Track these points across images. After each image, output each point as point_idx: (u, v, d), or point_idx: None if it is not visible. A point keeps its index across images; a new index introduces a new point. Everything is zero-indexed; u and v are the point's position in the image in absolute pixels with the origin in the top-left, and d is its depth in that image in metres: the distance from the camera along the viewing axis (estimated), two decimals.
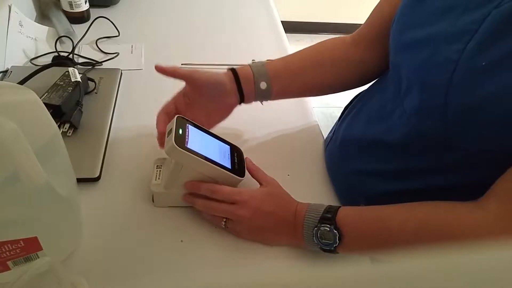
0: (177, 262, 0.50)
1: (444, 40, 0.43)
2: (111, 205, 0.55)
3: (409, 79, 0.48)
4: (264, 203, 0.51)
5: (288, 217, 0.51)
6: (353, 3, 2.62)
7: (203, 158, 0.49)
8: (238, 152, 0.56)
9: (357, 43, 0.62)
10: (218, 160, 0.51)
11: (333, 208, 0.49)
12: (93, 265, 0.48)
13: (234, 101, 0.59)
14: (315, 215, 0.49)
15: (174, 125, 0.49)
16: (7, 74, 0.71)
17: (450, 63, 0.41)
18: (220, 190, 0.50)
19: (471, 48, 0.40)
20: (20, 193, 0.37)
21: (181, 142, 0.47)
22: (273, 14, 1.08)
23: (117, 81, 0.75)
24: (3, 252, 0.40)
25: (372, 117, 0.57)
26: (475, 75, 0.39)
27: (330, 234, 0.47)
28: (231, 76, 0.58)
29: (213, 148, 0.52)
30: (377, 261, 0.51)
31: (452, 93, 0.41)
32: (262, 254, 0.52)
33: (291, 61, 0.63)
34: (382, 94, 0.57)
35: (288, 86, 0.62)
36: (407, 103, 0.48)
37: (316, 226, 0.48)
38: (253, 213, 0.49)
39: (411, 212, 0.45)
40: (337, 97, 0.75)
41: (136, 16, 0.99)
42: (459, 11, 0.42)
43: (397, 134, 0.50)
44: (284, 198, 0.53)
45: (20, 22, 0.79)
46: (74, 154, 0.47)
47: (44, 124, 0.41)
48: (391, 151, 0.51)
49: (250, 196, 0.50)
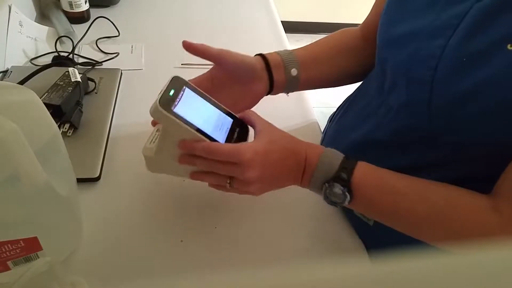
0: (177, 262, 0.50)
1: (427, 35, 0.43)
2: (111, 205, 0.55)
3: (394, 75, 0.48)
4: (269, 154, 0.45)
5: (299, 162, 0.47)
6: (353, 3, 2.62)
7: (188, 124, 0.43)
8: (242, 129, 0.50)
9: (364, 34, 0.62)
10: (209, 131, 0.45)
11: (349, 166, 0.45)
12: (93, 265, 0.48)
13: (262, 88, 0.55)
14: (328, 169, 0.45)
15: (166, 85, 0.44)
16: (7, 74, 0.71)
17: (433, 59, 0.41)
18: (218, 149, 0.44)
19: (452, 43, 0.40)
20: (20, 193, 0.37)
21: (167, 104, 0.43)
22: (273, 14, 1.08)
23: (117, 81, 0.75)
24: (3, 252, 0.40)
25: (359, 115, 0.56)
26: (457, 70, 0.39)
27: (341, 196, 0.45)
28: (261, 61, 0.55)
29: (209, 117, 0.47)
30: (377, 261, 0.51)
31: (436, 89, 0.41)
32: (262, 254, 0.52)
33: (315, 49, 0.62)
34: (365, 90, 0.57)
35: (314, 74, 0.60)
36: (393, 99, 0.48)
37: (327, 182, 0.45)
38: (261, 171, 0.45)
39: (426, 193, 0.43)
40: (337, 97, 0.75)
41: (136, 16, 0.99)
42: (441, 4, 0.42)
43: (386, 131, 0.49)
44: (288, 141, 0.48)
45: (20, 22, 0.79)
46: (74, 154, 0.47)
47: (44, 124, 0.41)
48: (381, 148, 0.51)
49: (254, 152, 0.44)
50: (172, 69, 0.82)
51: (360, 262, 0.51)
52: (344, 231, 0.56)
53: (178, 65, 0.82)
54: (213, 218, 0.55)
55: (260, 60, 0.55)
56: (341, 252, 0.54)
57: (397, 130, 0.48)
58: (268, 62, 0.55)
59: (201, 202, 0.57)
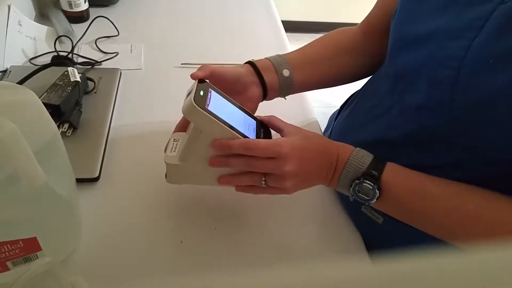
0: (177, 262, 0.50)
1: (447, 36, 0.42)
2: (111, 205, 0.55)
3: (411, 75, 0.47)
4: (305, 150, 0.45)
5: (331, 160, 0.47)
6: (353, 3, 2.61)
7: (225, 123, 0.43)
8: (265, 130, 0.50)
9: (365, 33, 0.62)
10: (242, 130, 0.45)
11: (380, 164, 0.46)
12: (92, 265, 0.48)
13: (256, 93, 0.56)
14: (359, 166, 0.46)
15: (195, 87, 0.44)
16: (6, 74, 0.71)
17: (455, 60, 0.41)
18: (256, 145, 0.43)
19: (477, 45, 0.39)
20: (19, 193, 0.37)
21: (202, 103, 0.42)
22: (273, 13, 1.08)
23: (117, 80, 0.75)
24: (3, 252, 0.40)
25: (367, 115, 0.56)
26: (482, 72, 0.39)
27: (371, 192, 0.45)
28: (248, 67, 0.57)
29: (237, 118, 0.47)
30: (378, 261, 0.50)
31: (458, 90, 0.41)
32: (262, 255, 0.52)
33: (308, 51, 0.62)
34: (374, 90, 0.57)
35: (309, 75, 0.60)
36: (410, 99, 0.47)
37: (358, 179, 0.45)
38: (299, 165, 0.45)
39: (461, 200, 0.43)
40: (337, 97, 0.75)
41: (135, 15, 0.99)
42: (461, 5, 0.42)
43: (400, 131, 0.49)
44: (321, 138, 0.49)
45: (19, 22, 0.79)
46: (73, 154, 0.47)
47: (43, 124, 0.41)
48: (394, 148, 0.51)
49: (291, 146, 0.44)
50: (172, 68, 0.82)
51: (361, 262, 0.51)
52: (345, 232, 0.56)
53: (177, 65, 0.82)
54: (213, 219, 0.55)
55: (248, 66, 0.57)
56: (342, 252, 0.54)
57: (411, 130, 0.47)
58: (256, 67, 0.56)
59: (201, 203, 0.57)
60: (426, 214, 0.45)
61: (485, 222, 0.42)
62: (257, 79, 0.56)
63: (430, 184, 0.45)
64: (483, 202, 0.43)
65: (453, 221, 0.43)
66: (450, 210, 0.43)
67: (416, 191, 0.45)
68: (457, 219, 0.43)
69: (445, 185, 0.44)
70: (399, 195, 0.45)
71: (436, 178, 0.45)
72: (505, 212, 0.41)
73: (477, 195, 0.43)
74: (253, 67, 0.56)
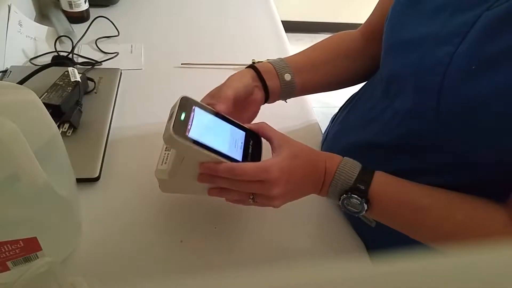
0: (177, 262, 0.50)
1: (435, 42, 0.42)
2: (111, 205, 0.55)
3: (400, 80, 0.47)
4: (293, 170, 0.45)
5: (319, 174, 0.47)
6: (353, 3, 2.62)
7: (207, 149, 0.42)
8: (255, 140, 0.49)
9: (365, 36, 0.62)
10: (227, 151, 0.44)
11: (367, 176, 0.46)
12: (92, 265, 0.48)
13: (259, 96, 0.56)
14: (346, 180, 0.46)
15: (176, 109, 0.43)
16: (7, 74, 0.71)
17: (441, 66, 0.41)
18: (242, 171, 0.43)
19: (461, 51, 0.39)
20: (20, 193, 0.37)
21: (181, 130, 0.42)
22: (273, 13, 1.08)
23: (117, 81, 0.75)
24: (3, 252, 0.40)
25: (363, 118, 0.56)
26: (466, 78, 0.39)
27: (359, 206, 0.45)
28: (252, 73, 0.56)
29: (223, 135, 0.46)
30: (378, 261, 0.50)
31: (444, 96, 0.41)
32: (262, 255, 0.52)
33: (310, 54, 0.62)
34: (370, 93, 0.57)
35: (310, 79, 0.60)
36: (399, 104, 0.48)
37: (345, 193, 0.45)
38: (286, 187, 0.45)
39: (451, 211, 0.43)
40: (337, 97, 0.75)
41: (135, 15, 0.99)
42: (449, 11, 0.42)
43: (392, 135, 0.49)
44: (308, 154, 0.48)
45: (20, 22, 0.79)
46: (73, 154, 0.47)
47: (43, 124, 0.41)
48: (386, 152, 0.51)
49: (279, 169, 0.44)
50: (172, 68, 0.82)
51: (361, 262, 0.51)
52: (344, 232, 0.56)
53: (178, 65, 0.82)
54: (213, 219, 0.55)
55: (251, 71, 0.56)
56: (342, 252, 0.54)
57: (402, 135, 0.48)
58: (258, 70, 0.56)
59: (201, 202, 0.57)
60: (415, 225, 0.45)
61: (474, 232, 0.42)
62: (260, 83, 0.56)
63: (419, 194, 0.45)
64: (471, 211, 0.43)
65: (443, 232, 0.44)
66: (440, 221, 0.44)
67: (405, 203, 0.45)
68: (447, 229, 0.43)
69: (434, 195, 0.44)
70: (388, 206, 0.46)
71: (425, 187, 0.45)
72: (495, 220, 0.41)
73: (465, 205, 0.43)
74: (255, 71, 0.57)
